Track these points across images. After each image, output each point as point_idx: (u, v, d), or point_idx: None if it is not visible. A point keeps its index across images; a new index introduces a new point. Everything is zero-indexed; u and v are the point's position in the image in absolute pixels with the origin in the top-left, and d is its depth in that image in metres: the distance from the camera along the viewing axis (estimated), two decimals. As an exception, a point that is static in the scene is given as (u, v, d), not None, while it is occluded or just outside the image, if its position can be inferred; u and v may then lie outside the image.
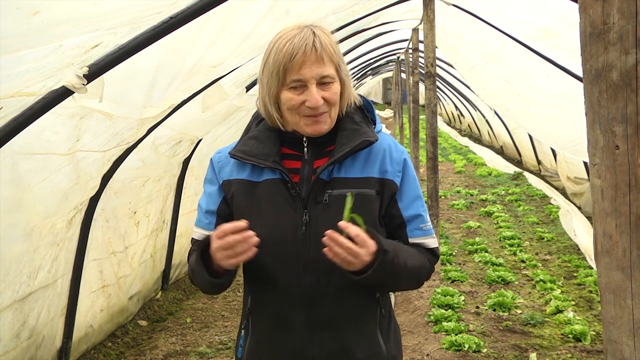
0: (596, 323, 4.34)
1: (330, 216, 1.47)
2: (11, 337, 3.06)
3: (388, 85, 33.54)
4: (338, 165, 1.52)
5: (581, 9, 1.01)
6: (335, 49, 1.50)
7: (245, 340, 1.61)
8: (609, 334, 1.02)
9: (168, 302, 5.16)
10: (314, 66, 1.44)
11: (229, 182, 1.58)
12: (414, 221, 1.57)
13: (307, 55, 1.43)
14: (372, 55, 13.05)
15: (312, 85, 1.45)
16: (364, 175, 1.53)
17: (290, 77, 1.45)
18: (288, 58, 1.43)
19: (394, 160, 1.56)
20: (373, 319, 1.56)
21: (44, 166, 2.91)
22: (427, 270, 1.59)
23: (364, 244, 1.37)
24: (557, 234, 6.90)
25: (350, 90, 1.57)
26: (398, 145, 1.61)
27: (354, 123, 1.55)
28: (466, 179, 11.47)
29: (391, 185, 1.54)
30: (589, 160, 1.04)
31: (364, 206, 1.49)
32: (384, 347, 1.57)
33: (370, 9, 5.65)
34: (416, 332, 4.30)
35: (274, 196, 1.51)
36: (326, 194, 1.50)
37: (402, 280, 1.54)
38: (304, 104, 1.46)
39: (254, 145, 1.55)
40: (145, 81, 3.13)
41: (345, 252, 1.36)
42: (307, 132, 1.51)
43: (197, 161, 5.37)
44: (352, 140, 1.51)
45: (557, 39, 5.02)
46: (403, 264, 1.47)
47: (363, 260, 1.38)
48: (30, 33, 1.82)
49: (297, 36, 1.45)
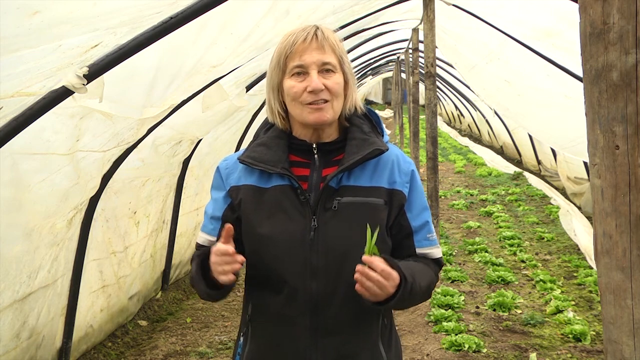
0: (596, 323, 4.33)
1: (339, 223, 1.49)
2: (11, 337, 3.06)
3: (388, 85, 33.53)
4: (347, 174, 1.53)
5: (581, 9, 1.01)
6: (339, 44, 1.52)
7: (244, 347, 1.60)
8: (609, 334, 1.02)
9: (168, 302, 5.16)
10: (314, 52, 1.47)
11: (237, 188, 1.58)
12: (421, 231, 1.60)
13: (307, 42, 1.47)
14: (372, 55, 13.06)
15: (313, 71, 1.47)
16: (373, 185, 1.53)
17: (291, 63, 1.48)
18: (289, 45, 1.48)
19: (402, 171, 1.58)
20: (376, 328, 1.57)
21: (44, 166, 2.91)
22: (434, 281, 1.62)
23: (389, 277, 1.40)
24: (557, 234, 6.90)
25: (355, 91, 1.57)
26: (405, 157, 1.64)
27: (362, 133, 1.56)
28: (466, 179, 11.47)
29: (399, 195, 1.55)
30: (589, 160, 1.04)
31: (373, 215, 1.50)
32: (386, 357, 1.57)
33: (370, 9, 5.65)
34: (416, 332, 4.30)
35: (282, 202, 1.51)
36: (335, 200, 1.50)
37: (417, 301, 1.59)
38: (306, 90, 1.47)
39: (262, 152, 1.55)
40: (145, 81, 3.12)
41: (375, 285, 1.39)
42: (310, 120, 1.50)
43: (197, 161, 5.37)
44: (362, 149, 1.51)
45: (557, 39, 5.02)
46: (419, 287, 1.50)
47: (388, 292, 1.41)
48: (30, 33, 1.82)
49: (300, 30, 1.50)
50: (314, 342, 1.51)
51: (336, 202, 1.50)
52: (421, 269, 1.56)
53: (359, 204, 1.51)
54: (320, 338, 1.51)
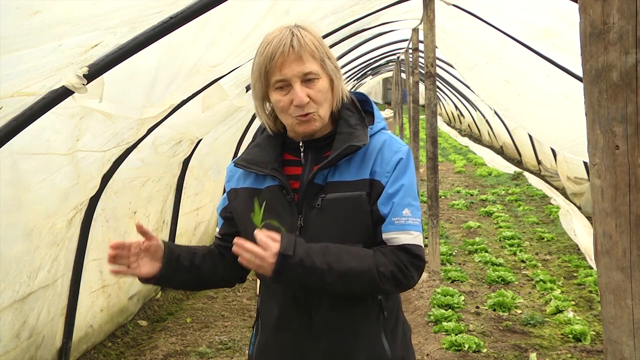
0: (596, 323, 4.33)
1: (324, 220, 1.49)
2: (11, 337, 3.06)
3: (388, 85, 33.54)
4: (333, 169, 1.52)
5: (581, 9, 1.01)
6: (318, 45, 1.49)
7: (255, 337, 1.68)
8: (609, 334, 1.02)
9: (168, 302, 5.16)
10: (294, 64, 1.45)
11: (236, 191, 1.64)
12: (389, 215, 1.49)
13: (285, 55, 1.45)
14: (372, 55, 13.06)
15: (295, 84, 1.46)
16: (358, 178, 1.52)
17: (273, 77, 1.48)
18: (268, 60, 1.46)
19: (384, 161, 1.52)
20: (376, 320, 1.56)
21: (44, 166, 2.90)
22: (380, 270, 1.45)
23: (266, 246, 1.38)
24: (557, 234, 6.90)
25: (341, 84, 1.56)
26: (393, 144, 1.55)
27: (349, 126, 1.55)
28: (466, 179, 11.47)
29: (378, 186, 1.51)
30: (589, 160, 1.04)
31: (356, 208, 1.50)
32: (389, 349, 1.57)
33: (370, 9, 5.65)
34: (416, 332, 4.30)
35: (273, 203, 1.53)
36: (319, 198, 1.50)
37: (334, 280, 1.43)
38: (292, 104, 1.47)
39: (256, 154, 1.59)
40: (145, 81, 3.12)
41: (251, 256, 1.38)
42: (299, 131, 1.52)
43: (197, 161, 5.37)
44: (342, 145, 1.51)
45: (557, 39, 5.02)
46: (322, 267, 1.41)
47: (269, 262, 1.38)
48: (30, 33, 1.82)
49: (276, 38, 1.47)
50: (310, 339, 1.54)
51: (320, 200, 1.50)
52: (353, 252, 1.45)
53: (341, 199, 1.50)
54: (316, 336, 1.53)
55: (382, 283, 1.46)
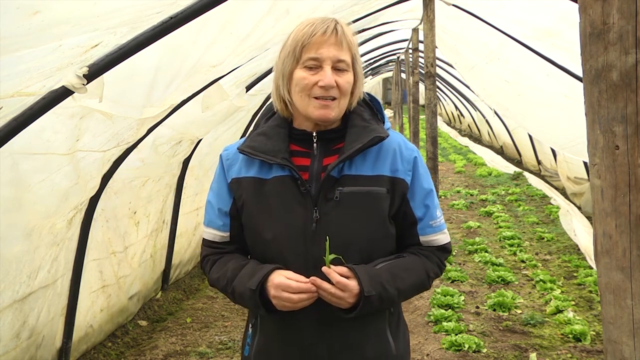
0: (596, 323, 4.33)
1: (341, 213, 1.48)
2: (11, 337, 3.06)
3: (388, 85, 33.53)
4: (349, 163, 1.51)
5: (581, 9, 1.01)
6: (354, 43, 1.52)
7: (253, 338, 1.62)
8: (609, 334, 1.02)
9: (168, 302, 5.16)
10: (331, 47, 1.46)
11: (238, 181, 1.57)
12: (424, 219, 1.58)
13: (327, 36, 1.46)
14: (372, 55, 13.05)
15: (327, 66, 1.46)
16: (375, 173, 1.52)
17: (306, 54, 1.46)
18: (307, 36, 1.46)
19: (404, 159, 1.55)
20: (382, 316, 1.57)
21: (44, 166, 2.90)
22: (430, 276, 1.58)
23: (345, 288, 1.40)
24: (557, 234, 6.90)
25: (361, 87, 1.57)
26: (408, 144, 1.61)
27: (363, 120, 1.55)
28: (466, 179, 11.47)
29: (402, 184, 1.53)
30: (589, 160, 1.04)
31: (375, 205, 1.50)
32: (393, 345, 1.57)
33: (370, 9, 5.65)
34: (416, 332, 4.30)
35: (283, 193, 1.51)
36: (337, 190, 1.49)
37: (400, 300, 1.56)
38: (317, 84, 1.46)
39: (262, 142, 1.54)
40: (145, 81, 3.12)
41: (329, 296, 1.41)
42: (315, 115, 1.49)
43: (197, 161, 5.37)
44: (363, 137, 1.50)
45: (557, 39, 5.02)
46: (394, 293, 1.48)
47: (348, 302, 1.42)
48: (30, 33, 1.81)
49: (319, 20, 1.49)
50: (319, 333, 1.52)
51: (338, 192, 1.49)
52: (407, 267, 1.53)
53: (361, 193, 1.50)
54: (325, 329, 1.52)
55: (429, 285, 1.60)
